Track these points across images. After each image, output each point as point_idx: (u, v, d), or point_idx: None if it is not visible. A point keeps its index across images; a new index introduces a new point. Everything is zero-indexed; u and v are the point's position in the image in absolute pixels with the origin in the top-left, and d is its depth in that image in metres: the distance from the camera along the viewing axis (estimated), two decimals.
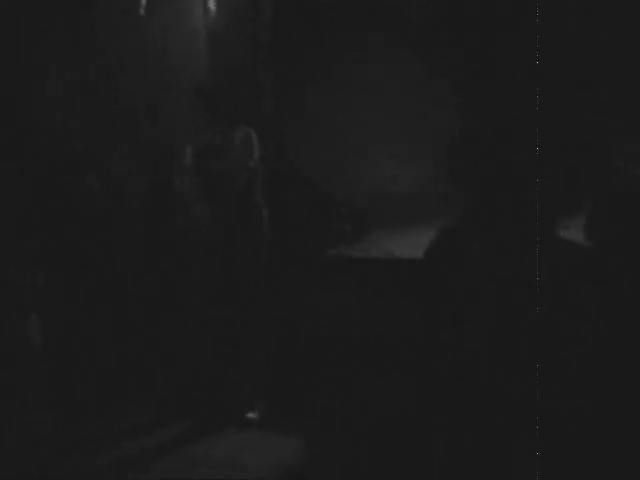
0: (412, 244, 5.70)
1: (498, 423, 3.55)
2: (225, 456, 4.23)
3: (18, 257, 4.30)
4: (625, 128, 5.87)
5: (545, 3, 5.39)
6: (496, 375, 3.77)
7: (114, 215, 5.28)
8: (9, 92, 5.18)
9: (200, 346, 4.78)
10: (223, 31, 5.95)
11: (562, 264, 3.80)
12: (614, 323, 3.60)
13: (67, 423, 4.44)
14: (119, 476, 4.06)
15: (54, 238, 4.86)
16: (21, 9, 5.36)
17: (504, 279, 3.90)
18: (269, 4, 6.19)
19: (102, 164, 5.40)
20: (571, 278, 3.72)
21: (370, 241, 6.23)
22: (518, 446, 3.44)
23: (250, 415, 4.67)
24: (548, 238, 3.98)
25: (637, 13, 5.80)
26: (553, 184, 4.61)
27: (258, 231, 4.75)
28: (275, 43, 6.18)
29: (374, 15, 6.59)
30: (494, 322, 3.95)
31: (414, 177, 6.67)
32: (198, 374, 4.79)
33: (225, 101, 4.78)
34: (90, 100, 5.59)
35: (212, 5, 5.93)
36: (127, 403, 4.78)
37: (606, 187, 5.12)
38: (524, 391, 3.66)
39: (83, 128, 5.48)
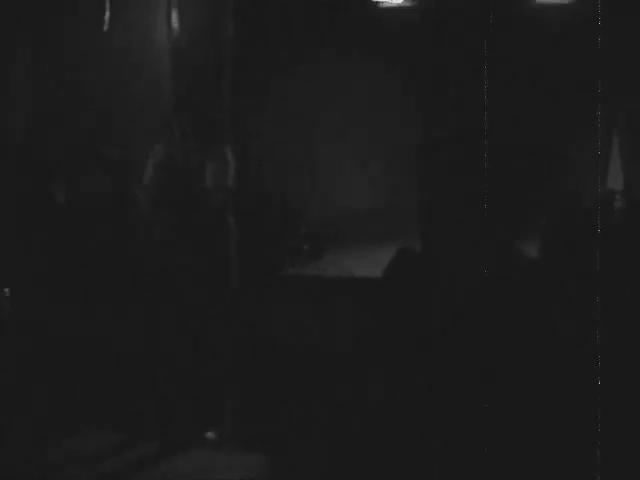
0: (371, 263, 5.79)
1: (469, 435, 3.63)
2: (189, 476, 4.23)
3: None
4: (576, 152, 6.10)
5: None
6: (462, 386, 3.85)
7: (79, 228, 5.21)
8: None
9: (166, 362, 4.75)
10: (187, 47, 5.98)
11: (515, 275, 3.93)
12: (558, 322, 3.76)
13: (37, 443, 4.39)
14: None
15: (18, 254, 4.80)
16: None
17: (464, 292, 3.99)
18: (231, 18, 6.23)
19: (65, 175, 5.35)
20: (523, 287, 3.85)
21: (328, 260, 6.30)
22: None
23: (209, 434, 4.66)
24: (504, 253, 4.09)
25: None
26: (509, 205, 4.77)
27: (227, 248, 4.70)
28: (238, 60, 6.23)
29: (340, 31, 6.69)
30: (454, 338, 4.02)
31: (373, 197, 6.78)
32: (163, 391, 4.76)
33: (204, 118, 4.69)
34: (58, 118, 5.58)
35: (175, 21, 5.97)
36: (94, 424, 4.72)
37: (556, 209, 5.32)
38: (484, 404, 3.74)
39: (48, 139, 5.46)
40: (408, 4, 6.82)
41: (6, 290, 4.55)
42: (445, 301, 4.21)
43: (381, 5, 6.78)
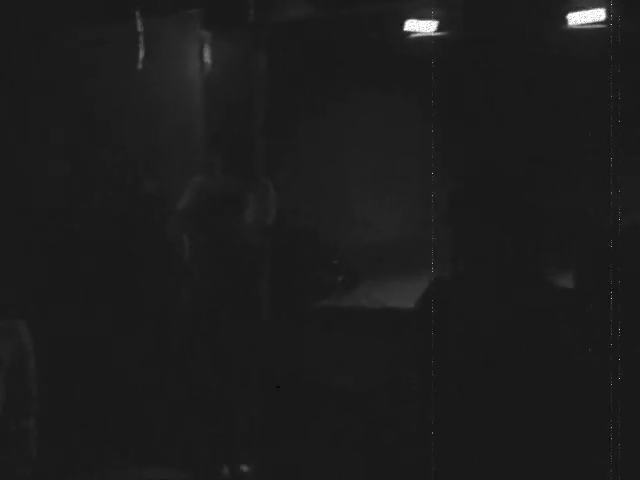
0: (403, 295, 5.75)
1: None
2: None
3: None
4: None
5: None
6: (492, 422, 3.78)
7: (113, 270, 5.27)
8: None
9: (197, 399, 4.74)
10: (219, 83, 6.05)
11: (550, 308, 3.87)
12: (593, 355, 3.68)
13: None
14: None
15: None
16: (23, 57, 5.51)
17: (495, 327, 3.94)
18: (264, 55, 6.31)
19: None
20: (558, 321, 3.78)
21: (362, 292, 6.27)
22: None
23: (244, 468, 4.65)
24: (538, 283, 4.04)
25: None
26: (543, 233, 4.71)
27: (260, 283, 4.62)
28: (270, 96, 6.28)
29: (367, 71, 6.72)
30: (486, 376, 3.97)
31: (406, 228, 6.75)
32: (193, 429, 4.74)
33: (244, 151, 4.53)
34: (90, 152, 5.68)
35: (208, 58, 6.05)
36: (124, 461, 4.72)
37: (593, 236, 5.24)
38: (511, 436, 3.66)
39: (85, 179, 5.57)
40: (440, 34, 6.81)
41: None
42: (477, 332, 4.16)
43: (413, 35, 6.78)
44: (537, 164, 6.05)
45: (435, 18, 6.56)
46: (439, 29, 6.66)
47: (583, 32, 6.38)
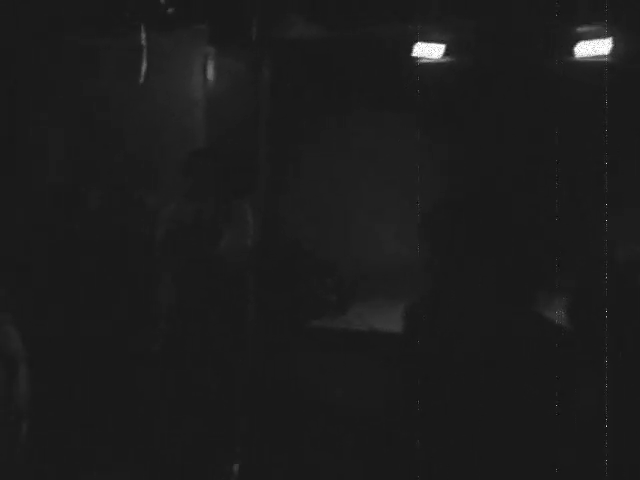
0: (393, 317, 5.71)
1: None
2: None
3: None
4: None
5: None
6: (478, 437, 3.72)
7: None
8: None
9: (183, 412, 4.68)
10: (222, 100, 6.07)
11: (541, 341, 3.80)
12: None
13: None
14: None
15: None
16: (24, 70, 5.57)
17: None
18: (268, 72, 6.33)
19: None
20: (550, 356, 3.72)
21: (354, 313, 6.24)
22: None
23: None
24: (526, 315, 3.97)
25: None
26: (536, 262, 4.66)
27: (244, 307, 4.53)
28: (275, 112, 6.29)
29: (372, 88, 6.72)
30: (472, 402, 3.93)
31: (400, 250, 6.72)
32: (180, 439, 4.68)
33: (223, 170, 4.45)
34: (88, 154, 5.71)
35: (211, 74, 6.07)
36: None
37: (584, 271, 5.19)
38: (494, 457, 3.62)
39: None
40: (446, 60, 6.80)
41: None
42: (457, 356, 4.12)
43: (419, 60, 6.78)
44: (532, 184, 6.02)
45: (441, 42, 6.57)
46: (445, 54, 6.68)
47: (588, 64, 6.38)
